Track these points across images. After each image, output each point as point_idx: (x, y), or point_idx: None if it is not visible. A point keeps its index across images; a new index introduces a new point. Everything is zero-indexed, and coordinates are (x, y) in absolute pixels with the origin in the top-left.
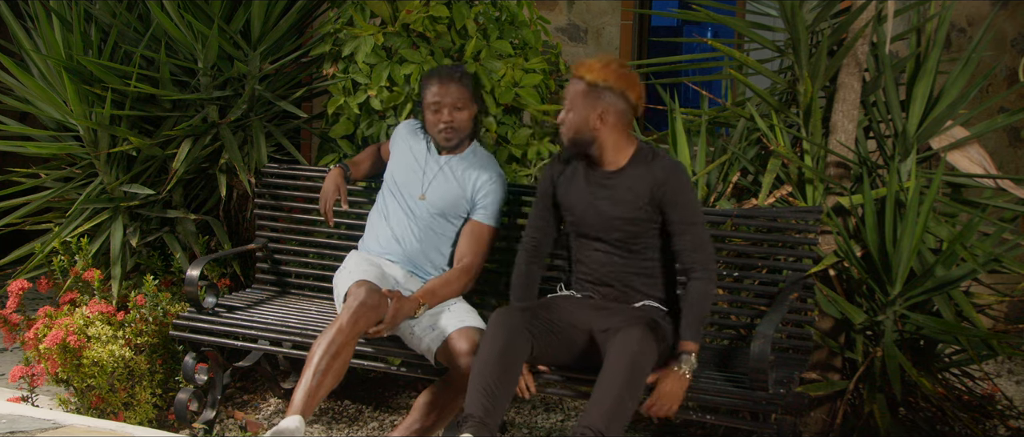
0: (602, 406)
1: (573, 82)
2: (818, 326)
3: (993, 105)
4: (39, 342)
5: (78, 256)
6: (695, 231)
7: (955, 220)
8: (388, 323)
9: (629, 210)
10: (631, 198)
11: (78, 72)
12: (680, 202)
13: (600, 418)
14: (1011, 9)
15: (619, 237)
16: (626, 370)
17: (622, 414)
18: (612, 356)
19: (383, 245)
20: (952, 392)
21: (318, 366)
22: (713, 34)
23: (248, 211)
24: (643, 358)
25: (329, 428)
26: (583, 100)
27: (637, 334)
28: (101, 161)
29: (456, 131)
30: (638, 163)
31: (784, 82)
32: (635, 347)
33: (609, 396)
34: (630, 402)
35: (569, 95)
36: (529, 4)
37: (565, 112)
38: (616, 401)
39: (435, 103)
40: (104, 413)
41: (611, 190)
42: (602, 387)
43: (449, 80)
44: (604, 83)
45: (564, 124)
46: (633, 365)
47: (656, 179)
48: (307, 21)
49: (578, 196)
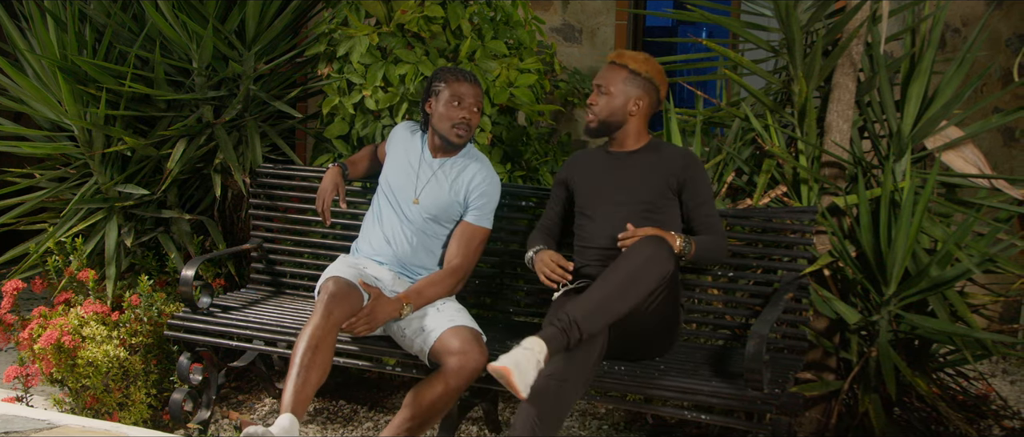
0: (586, 304)
1: (613, 68)
2: (813, 326)
3: (987, 105)
4: (34, 342)
5: (73, 256)
6: (709, 209)
7: (950, 220)
8: (367, 319)
9: (646, 182)
10: (649, 174)
11: (73, 72)
12: (696, 180)
13: (578, 308)
14: (1005, 9)
15: (633, 204)
16: (623, 277)
17: (605, 311)
18: (616, 262)
19: (374, 247)
20: (947, 392)
21: (301, 363)
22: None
23: (243, 211)
24: (644, 272)
25: (324, 428)
26: (624, 85)
27: (648, 249)
28: (96, 161)
29: (470, 129)
30: (652, 150)
31: (779, 82)
32: (638, 260)
33: (596, 295)
34: (618, 304)
35: (606, 79)
36: (524, 4)
37: (600, 94)
38: (601, 300)
39: (458, 97)
40: (99, 413)
41: (629, 166)
42: (595, 286)
43: (469, 80)
44: (646, 74)
45: (596, 105)
46: (631, 275)
47: (674, 163)
48: (302, 21)
49: (595, 171)
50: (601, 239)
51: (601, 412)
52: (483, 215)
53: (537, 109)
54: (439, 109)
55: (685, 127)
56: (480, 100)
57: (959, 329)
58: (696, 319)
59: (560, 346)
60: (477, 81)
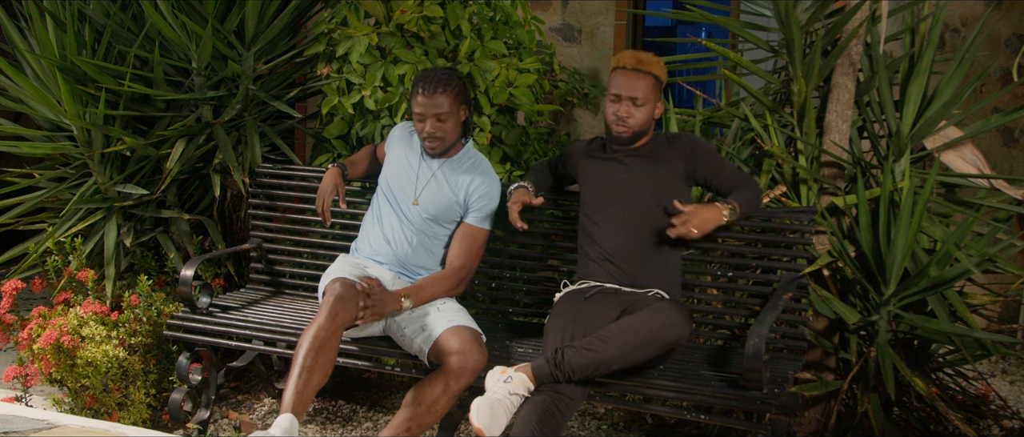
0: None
1: (640, 76)
2: (812, 326)
3: (987, 105)
4: (33, 342)
5: (72, 256)
6: (727, 168)
7: (949, 220)
8: (368, 309)
9: (651, 184)
10: (654, 174)
11: (72, 72)
12: (703, 157)
13: (578, 357)
14: (1005, 9)
15: (638, 208)
16: (637, 341)
17: (604, 366)
18: (636, 319)
19: (374, 247)
20: (946, 392)
21: (304, 364)
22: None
23: (242, 211)
24: (657, 338)
25: (323, 428)
26: (653, 94)
27: (670, 315)
28: (95, 161)
29: (440, 141)
30: (660, 145)
31: (778, 82)
32: (657, 324)
33: (601, 353)
34: (618, 362)
35: (637, 90)
36: (523, 4)
37: (633, 107)
38: (604, 360)
39: (419, 114)
40: (98, 413)
41: (634, 168)
42: (607, 338)
43: (433, 91)
44: (664, 78)
45: (631, 117)
46: (646, 340)
47: (675, 155)
48: (301, 21)
49: (600, 175)
50: (606, 245)
51: (600, 412)
52: (484, 217)
53: (536, 109)
54: (414, 121)
55: (684, 127)
56: (453, 106)
57: (958, 329)
58: (695, 319)
59: (547, 381)
60: (445, 87)
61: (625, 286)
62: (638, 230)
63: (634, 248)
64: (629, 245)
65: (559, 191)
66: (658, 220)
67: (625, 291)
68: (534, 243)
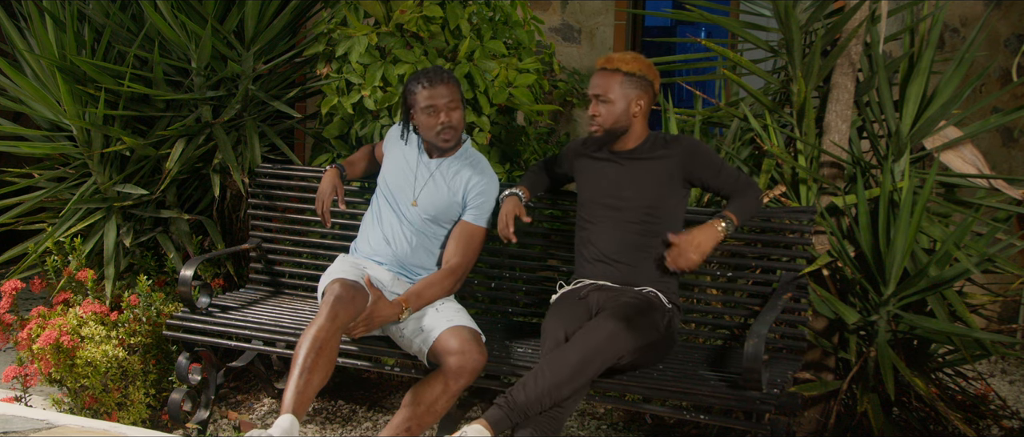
0: (534, 389)
1: (606, 75)
2: (811, 326)
3: (986, 105)
4: (32, 342)
5: (71, 256)
6: (727, 171)
7: (948, 220)
8: (366, 322)
9: (647, 186)
10: (650, 176)
11: (71, 72)
12: (703, 161)
13: (523, 393)
14: (1004, 9)
15: (634, 210)
16: (576, 361)
17: (553, 396)
18: (575, 339)
19: (373, 247)
20: (945, 392)
21: (305, 364)
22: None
23: (242, 211)
24: (599, 353)
25: (323, 428)
26: (621, 90)
27: (609, 327)
28: (94, 161)
29: (454, 130)
30: (656, 146)
31: (778, 82)
32: (595, 340)
33: (547, 380)
34: (566, 389)
35: (603, 87)
36: (523, 4)
37: (599, 104)
38: (549, 388)
39: (430, 106)
40: (97, 413)
41: (630, 169)
42: (548, 365)
43: (438, 81)
44: (639, 72)
45: (599, 115)
46: (586, 358)
47: (674, 158)
48: (301, 21)
49: (596, 176)
50: (600, 245)
51: (600, 412)
52: (481, 215)
53: (536, 109)
54: (420, 119)
55: (684, 127)
56: (456, 95)
57: (958, 329)
58: (695, 319)
59: (505, 428)
60: (448, 78)
61: (617, 284)
62: (632, 231)
63: (628, 249)
64: (623, 246)
65: (556, 191)
66: (652, 221)
67: (619, 289)
68: (533, 243)
